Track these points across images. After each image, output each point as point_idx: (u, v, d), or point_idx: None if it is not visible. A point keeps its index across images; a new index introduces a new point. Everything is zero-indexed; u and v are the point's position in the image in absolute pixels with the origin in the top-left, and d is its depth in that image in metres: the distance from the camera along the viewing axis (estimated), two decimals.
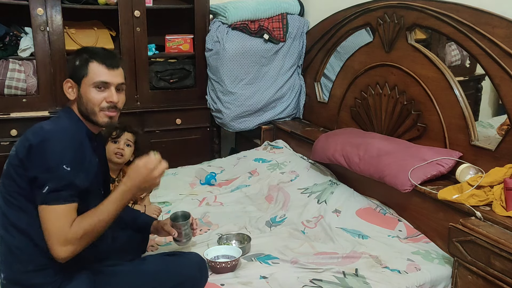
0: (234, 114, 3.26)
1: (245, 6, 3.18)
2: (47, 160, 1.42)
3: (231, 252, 1.92)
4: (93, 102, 1.56)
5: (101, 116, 1.58)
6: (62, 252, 1.41)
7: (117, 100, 1.60)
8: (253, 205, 2.52)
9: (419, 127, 2.38)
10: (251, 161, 3.00)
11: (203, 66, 3.37)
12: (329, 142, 2.61)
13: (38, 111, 3.01)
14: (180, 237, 1.80)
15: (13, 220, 1.48)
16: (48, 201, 1.41)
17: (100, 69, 1.57)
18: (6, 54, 2.93)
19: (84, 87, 1.57)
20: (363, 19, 2.73)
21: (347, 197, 2.40)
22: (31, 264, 1.48)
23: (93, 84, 1.56)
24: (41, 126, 1.51)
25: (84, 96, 1.57)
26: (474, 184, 1.91)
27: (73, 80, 1.59)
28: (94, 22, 3.20)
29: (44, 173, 1.41)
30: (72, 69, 1.60)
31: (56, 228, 1.41)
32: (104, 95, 1.57)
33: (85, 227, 1.44)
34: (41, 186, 1.41)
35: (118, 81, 1.60)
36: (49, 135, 1.45)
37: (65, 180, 1.42)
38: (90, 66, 1.57)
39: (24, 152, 1.44)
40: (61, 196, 1.42)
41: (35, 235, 1.47)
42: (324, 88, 3.28)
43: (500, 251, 1.61)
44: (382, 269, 1.88)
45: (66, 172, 1.42)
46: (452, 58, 2.76)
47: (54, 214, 1.41)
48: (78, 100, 1.59)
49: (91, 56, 1.58)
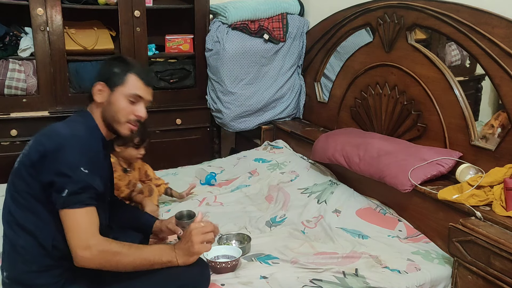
0: (234, 114, 3.26)
1: (245, 6, 3.18)
2: (64, 164, 1.41)
3: (231, 252, 1.92)
4: (122, 113, 1.58)
5: (125, 128, 1.61)
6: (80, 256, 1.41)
7: (146, 117, 1.63)
8: (253, 205, 2.52)
9: (419, 127, 2.38)
10: (251, 161, 3.00)
11: (203, 66, 3.37)
12: (329, 142, 2.61)
13: (38, 111, 3.01)
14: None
15: (19, 220, 1.48)
16: (69, 204, 1.40)
17: (138, 83, 1.60)
18: (6, 54, 2.93)
19: (117, 95, 1.58)
20: (363, 19, 2.73)
21: (347, 197, 2.40)
22: (35, 264, 1.48)
23: (128, 95, 1.58)
24: (57, 131, 1.50)
25: (115, 104, 1.58)
26: (474, 184, 1.91)
27: (106, 84, 1.59)
28: (94, 22, 3.20)
29: (62, 177, 1.40)
30: (108, 74, 1.60)
31: (78, 232, 1.41)
32: (134, 108, 1.60)
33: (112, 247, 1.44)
34: (60, 190, 1.40)
35: (149, 98, 1.64)
36: (65, 142, 1.45)
37: (83, 183, 1.42)
38: (129, 77, 1.59)
39: (37, 156, 1.44)
40: (81, 198, 1.41)
41: (40, 236, 1.47)
42: (324, 88, 3.28)
43: (500, 251, 1.61)
44: (382, 269, 1.88)
45: (84, 175, 1.42)
46: (452, 58, 2.76)
47: (76, 218, 1.41)
48: (105, 105, 1.60)
49: (131, 67, 1.61)
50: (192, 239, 1.53)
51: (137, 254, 1.48)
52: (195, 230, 1.54)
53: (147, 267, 1.49)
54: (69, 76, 3.09)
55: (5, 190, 1.56)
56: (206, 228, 1.56)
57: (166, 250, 1.54)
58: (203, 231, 1.55)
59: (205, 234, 1.55)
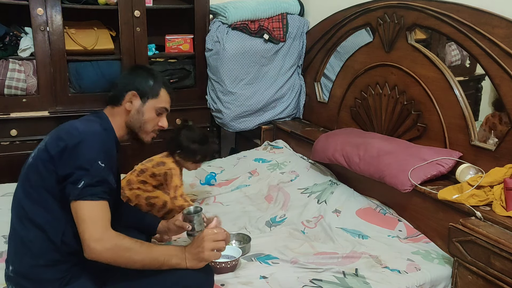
0: (234, 114, 3.26)
1: (245, 6, 3.18)
2: (82, 158, 1.44)
3: (231, 252, 1.92)
4: (150, 124, 1.70)
5: (149, 137, 1.73)
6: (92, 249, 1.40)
7: (167, 126, 1.75)
8: (252, 205, 2.52)
9: (419, 127, 2.38)
10: (251, 161, 3.00)
11: (203, 66, 3.37)
12: (329, 142, 2.61)
13: (38, 111, 3.01)
14: (193, 231, 1.79)
15: (30, 214, 1.49)
16: (84, 196, 1.42)
17: (167, 98, 1.74)
18: (6, 54, 2.93)
19: (149, 107, 1.69)
20: (363, 19, 2.73)
21: (347, 197, 2.40)
22: (42, 258, 1.49)
23: (158, 108, 1.70)
24: (75, 126, 1.53)
25: (145, 114, 1.68)
26: (474, 184, 1.91)
27: (138, 94, 1.67)
28: (94, 22, 3.20)
29: (80, 170, 1.43)
30: (144, 85, 1.69)
31: (91, 224, 1.41)
32: (159, 119, 1.73)
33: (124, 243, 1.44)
34: (76, 182, 1.42)
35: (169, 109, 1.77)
36: (85, 136, 1.48)
37: (99, 176, 1.44)
38: (162, 91, 1.71)
39: (57, 150, 1.47)
40: (96, 191, 1.43)
41: (50, 231, 1.48)
42: (324, 88, 3.28)
43: (500, 251, 1.61)
44: (382, 269, 1.88)
45: (101, 169, 1.45)
46: (452, 58, 2.76)
47: (91, 209, 1.42)
48: (132, 113, 1.67)
49: (164, 83, 1.74)
50: (203, 245, 1.53)
51: (147, 253, 1.48)
52: (207, 237, 1.54)
53: (155, 267, 1.49)
54: (69, 76, 3.09)
55: (5, 190, 1.56)
56: (218, 236, 1.56)
57: (177, 252, 1.54)
58: (216, 239, 1.55)
59: (217, 242, 1.55)
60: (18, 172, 1.60)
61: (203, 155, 2.31)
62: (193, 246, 1.55)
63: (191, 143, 2.26)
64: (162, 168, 2.24)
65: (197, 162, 2.32)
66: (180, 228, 1.84)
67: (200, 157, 2.30)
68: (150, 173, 2.24)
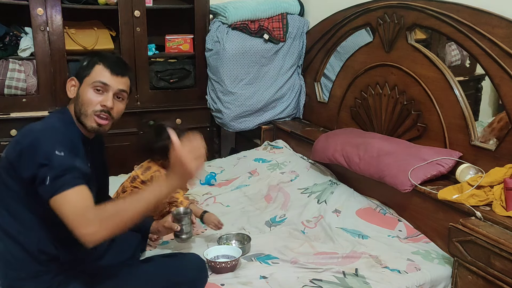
0: (234, 114, 3.26)
1: (245, 6, 3.18)
2: (39, 154, 1.37)
3: (231, 252, 1.92)
4: (88, 103, 1.53)
5: (91, 120, 1.54)
6: (85, 235, 1.32)
7: (111, 106, 1.55)
8: (252, 205, 2.52)
9: (419, 127, 2.38)
10: (251, 161, 3.00)
11: (203, 66, 3.37)
12: (329, 142, 2.61)
13: (38, 111, 3.01)
14: (181, 232, 1.80)
15: (3, 225, 1.46)
16: (55, 190, 1.34)
17: (104, 72, 1.55)
18: (6, 54, 2.93)
19: (84, 86, 1.55)
20: (363, 19, 2.73)
21: (347, 197, 2.40)
22: (24, 271, 1.46)
23: (92, 84, 1.54)
24: (30, 127, 1.47)
25: (81, 95, 1.54)
26: (474, 184, 1.91)
27: (77, 78, 1.58)
28: (94, 22, 3.20)
29: (41, 167, 1.36)
30: (79, 68, 1.59)
31: (72, 213, 1.33)
32: (100, 98, 1.54)
33: (110, 211, 1.35)
34: (43, 180, 1.35)
35: (118, 86, 1.57)
36: (37, 134, 1.42)
37: (63, 166, 1.36)
38: (96, 67, 1.56)
39: (14, 154, 1.41)
40: (65, 180, 1.35)
41: (25, 242, 1.44)
42: (324, 88, 3.28)
43: (500, 251, 1.61)
44: (382, 269, 1.88)
45: (61, 158, 1.37)
46: (452, 58, 2.76)
47: (66, 200, 1.34)
48: (75, 100, 1.57)
49: (100, 59, 1.58)
50: (182, 159, 1.36)
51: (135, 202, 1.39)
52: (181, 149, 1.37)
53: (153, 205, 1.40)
54: (69, 76, 3.08)
55: None
56: (193, 143, 1.40)
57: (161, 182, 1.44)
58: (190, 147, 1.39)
59: (193, 149, 1.40)
60: None
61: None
62: (173, 169, 1.41)
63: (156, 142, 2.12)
64: (148, 173, 2.19)
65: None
66: (169, 229, 1.83)
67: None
68: (140, 181, 2.22)
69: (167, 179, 1.41)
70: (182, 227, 1.78)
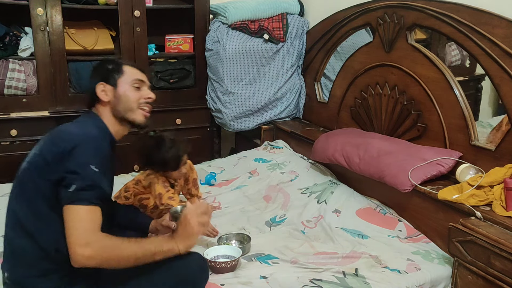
0: (234, 114, 3.26)
1: (245, 6, 3.18)
2: (75, 161, 1.42)
3: (231, 252, 1.92)
4: (132, 100, 1.66)
5: (139, 114, 1.68)
6: (79, 254, 1.36)
7: (154, 96, 1.73)
8: (252, 205, 2.52)
9: (419, 127, 2.38)
10: (251, 161, 3.00)
11: (203, 66, 3.37)
12: (329, 142, 2.61)
13: (38, 111, 3.01)
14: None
15: (22, 221, 1.47)
16: (74, 200, 1.39)
17: (134, 70, 1.71)
18: (6, 54, 2.93)
19: (122, 87, 1.66)
20: (363, 19, 2.73)
21: (347, 197, 2.40)
22: (35, 268, 1.47)
23: (131, 82, 1.67)
24: (69, 131, 1.52)
25: (123, 95, 1.65)
26: (474, 184, 1.91)
27: (106, 82, 1.66)
28: (94, 22, 3.20)
29: (71, 173, 1.40)
30: (105, 72, 1.68)
31: (78, 228, 1.38)
32: (141, 93, 1.69)
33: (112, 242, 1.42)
34: (68, 185, 1.39)
35: (148, 83, 1.75)
36: (80, 140, 1.46)
37: (91, 181, 1.42)
38: (125, 67, 1.69)
39: (51, 156, 1.44)
40: (86, 196, 1.40)
41: (41, 240, 1.46)
42: (324, 88, 3.28)
43: (500, 251, 1.61)
44: (382, 269, 1.88)
45: (93, 173, 1.43)
46: (452, 58, 2.76)
47: (78, 214, 1.39)
48: (113, 101, 1.65)
49: (121, 60, 1.74)
50: (188, 222, 1.51)
51: (136, 246, 1.45)
52: (190, 212, 1.52)
53: (149, 258, 1.47)
54: (69, 76, 3.09)
55: (4, 190, 1.55)
56: (200, 209, 1.54)
57: (165, 238, 1.53)
58: (198, 212, 1.53)
59: (201, 215, 1.53)
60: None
61: (173, 161, 2.14)
62: (179, 228, 1.53)
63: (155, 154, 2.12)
64: (149, 178, 2.18)
65: (174, 169, 2.17)
66: (167, 227, 1.83)
67: (174, 164, 2.15)
68: (142, 186, 2.21)
69: (169, 236, 1.54)
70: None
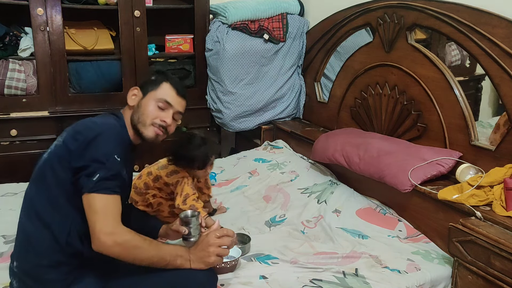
0: (234, 114, 3.26)
1: (245, 6, 3.18)
2: (100, 151, 1.45)
3: (231, 252, 1.91)
4: (148, 114, 1.65)
5: (149, 130, 1.66)
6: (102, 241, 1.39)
7: (170, 124, 1.69)
8: (252, 205, 2.52)
9: (419, 127, 2.38)
10: (251, 161, 3.00)
11: (203, 66, 3.37)
12: (329, 142, 2.61)
13: (38, 111, 3.02)
14: (189, 235, 1.78)
15: (39, 210, 1.49)
16: (98, 189, 1.42)
17: (170, 91, 1.69)
18: (6, 54, 2.93)
19: (148, 99, 1.67)
20: (363, 19, 2.73)
21: (347, 197, 2.40)
22: (46, 259, 1.48)
23: (157, 99, 1.67)
24: (93, 121, 1.55)
25: (143, 106, 1.66)
26: (474, 184, 1.91)
27: (141, 89, 1.69)
28: (94, 22, 3.20)
29: (96, 162, 1.43)
30: (146, 81, 1.72)
31: (103, 217, 1.41)
32: (161, 114, 1.67)
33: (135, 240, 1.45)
34: (91, 174, 1.42)
35: (179, 108, 1.71)
36: (103, 129, 1.50)
37: (115, 170, 1.45)
38: (163, 84, 1.69)
39: (76, 144, 1.47)
40: (110, 185, 1.44)
41: (56, 230, 1.48)
42: (324, 88, 3.28)
43: (500, 251, 1.61)
44: (382, 269, 1.88)
45: (117, 163, 1.46)
46: (452, 58, 2.76)
47: (104, 202, 1.42)
48: (135, 108, 1.67)
49: (168, 78, 1.72)
50: (209, 249, 1.55)
51: (155, 251, 1.49)
52: (213, 241, 1.57)
53: (161, 266, 1.50)
54: (69, 76, 3.09)
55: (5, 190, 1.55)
56: (224, 242, 1.59)
57: (182, 253, 1.56)
58: (221, 244, 1.58)
59: (222, 248, 1.59)
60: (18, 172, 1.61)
61: (202, 159, 2.15)
62: (198, 249, 1.57)
63: (185, 150, 2.14)
64: (175, 177, 2.17)
65: (200, 168, 2.17)
66: (177, 232, 1.83)
67: (200, 162, 2.15)
68: (164, 182, 2.19)
69: (186, 253, 1.56)
70: (189, 230, 1.76)
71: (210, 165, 2.21)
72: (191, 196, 2.12)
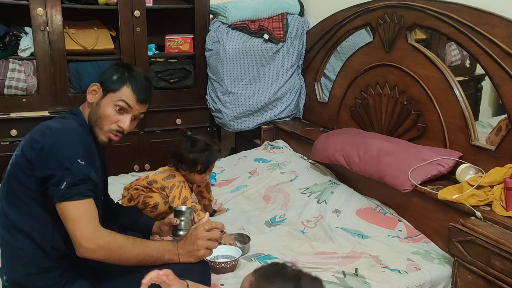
0: (234, 114, 3.26)
1: (245, 6, 3.18)
2: (61, 157, 1.40)
3: (230, 252, 1.92)
4: (106, 120, 1.57)
5: (104, 135, 1.59)
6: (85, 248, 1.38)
7: (127, 129, 1.61)
8: (252, 205, 2.52)
9: (419, 127, 2.38)
10: (251, 161, 3.00)
11: (203, 66, 3.37)
12: (329, 142, 2.61)
13: (38, 111, 3.01)
14: (180, 227, 1.78)
15: (15, 222, 1.47)
16: (68, 196, 1.39)
17: (131, 96, 1.58)
18: (6, 54, 2.93)
19: (107, 101, 1.58)
20: (363, 19, 2.73)
21: (347, 197, 2.40)
22: (34, 267, 1.47)
23: (116, 101, 1.57)
24: (48, 125, 1.49)
25: (101, 108, 1.58)
26: (474, 184, 1.91)
27: (101, 85, 1.60)
28: (94, 22, 3.20)
29: (60, 170, 1.39)
30: (107, 78, 1.60)
31: (80, 224, 1.39)
32: (119, 118, 1.58)
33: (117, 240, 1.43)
34: (58, 183, 1.39)
35: (140, 110, 1.62)
36: (60, 134, 1.45)
37: (81, 174, 1.41)
38: (124, 88, 1.58)
39: (34, 153, 1.43)
40: (80, 190, 1.40)
41: (38, 238, 1.46)
42: (324, 88, 3.28)
43: (500, 251, 1.61)
44: (382, 269, 1.88)
45: (81, 166, 1.42)
46: (452, 58, 2.76)
47: (78, 209, 1.40)
48: (93, 107, 1.60)
49: (130, 79, 1.59)
50: (198, 243, 1.53)
51: (141, 248, 1.47)
52: (202, 234, 1.54)
53: (149, 263, 1.49)
54: (69, 76, 3.09)
55: None
56: (213, 235, 1.57)
57: (169, 247, 1.54)
58: (210, 237, 1.56)
59: (212, 241, 1.56)
60: None
61: (204, 164, 2.18)
62: (187, 243, 1.54)
63: (189, 153, 2.17)
64: (171, 181, 2.18)
65: (200, 172, 2.20)
66: (169, 224, 1.82)
67: (201, 167, 2.18)
68: (159, 186, 2.19)
69: (174, 247, 1.54)
70: (181, 222, 1.76)
71: (209, 171, 2.25)
72: (190, 199, 2.15)
